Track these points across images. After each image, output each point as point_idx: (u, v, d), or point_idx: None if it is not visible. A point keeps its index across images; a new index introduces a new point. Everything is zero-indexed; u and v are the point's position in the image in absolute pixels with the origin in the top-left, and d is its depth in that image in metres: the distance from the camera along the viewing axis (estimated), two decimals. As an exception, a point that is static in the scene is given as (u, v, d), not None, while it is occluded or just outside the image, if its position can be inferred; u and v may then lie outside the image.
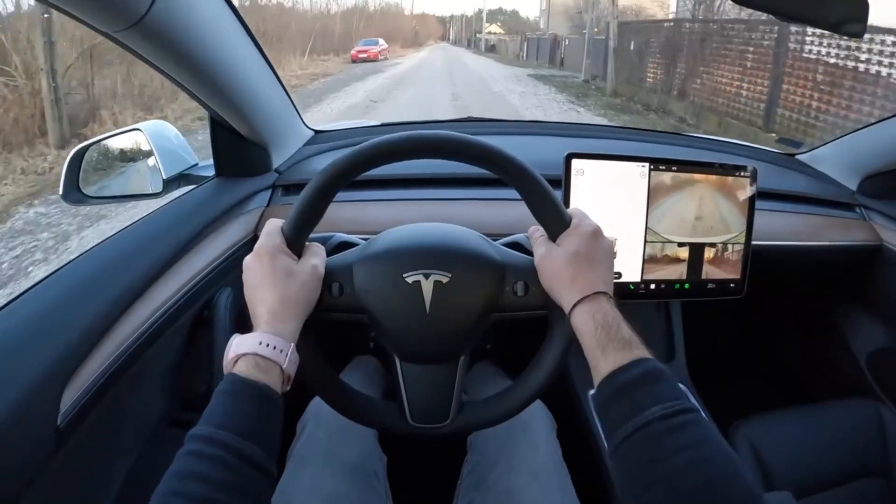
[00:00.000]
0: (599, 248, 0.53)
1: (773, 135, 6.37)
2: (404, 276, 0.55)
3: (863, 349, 1.15)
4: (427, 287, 0.55)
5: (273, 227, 0.54)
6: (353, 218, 0.89)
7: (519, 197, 0.55)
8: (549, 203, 0.54)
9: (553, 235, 0.55)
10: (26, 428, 0.51)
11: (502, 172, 0.54)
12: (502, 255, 0.58)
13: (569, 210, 0.56)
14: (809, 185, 1.14)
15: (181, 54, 0.65)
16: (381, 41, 25.95)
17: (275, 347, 0.47)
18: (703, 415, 0.95)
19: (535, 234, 0.58)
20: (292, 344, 0.49)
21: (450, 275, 0.55)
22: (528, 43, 29.07)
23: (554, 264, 0.53)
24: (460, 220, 0.64)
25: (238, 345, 0.47)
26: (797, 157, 1.24)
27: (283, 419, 0.47)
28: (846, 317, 1.21)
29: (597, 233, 0.54)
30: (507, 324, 0.58)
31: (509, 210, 0.85)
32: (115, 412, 0.64)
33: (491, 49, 43.44)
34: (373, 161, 0.53)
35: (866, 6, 0.68)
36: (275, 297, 0.50)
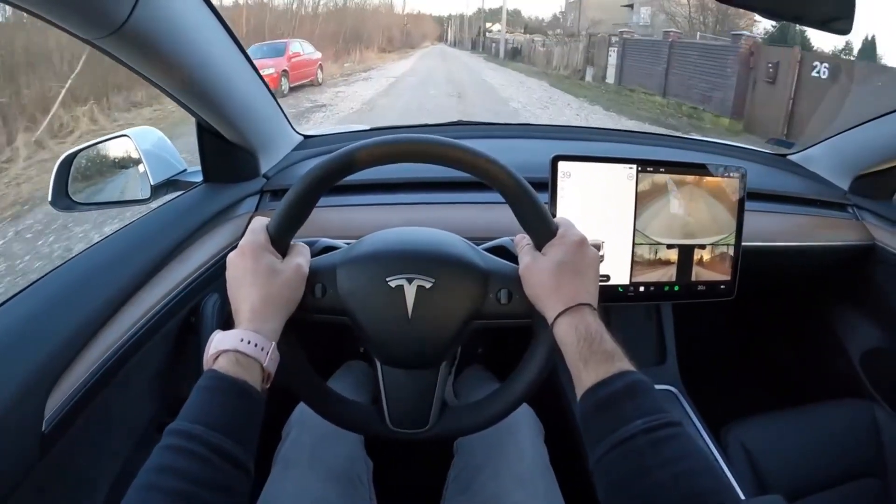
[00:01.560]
0: (585, 258, 0.53)
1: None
2: (387, 279, 0.55)
3: (856, 349, 1.15)
4: (410, 292, 0.55)
5: (258, 225, 0.54)
6: (338, 222, 0.89)
7: (504, 200, 0.55)
8: (535, 212, 0.54)
9: (539, 244, 0.55)
10: (10, 434, 0.51)
11: (489, 179, 0.54)
12: (487, 261, 0.58)
13: (555, 219, 0.56)
14: (801, 185, 1.14)
15: (164, 60, 0.65)
16: (301, 47, 11.97)
17: (256, 345, 0.47)
18: (696, 423, 0.94)
19: (522, 242, 0.58)
20: (273, 342, 0.49)
21: (433, 280, 0.55)
22: (623, 49, 12.21)
23: (538, 274, 0.53)
24: (446, 223, 0.64)
25: (219, 341, 0.47)
26: (788, 157, 1.24)
27: (263, 417, 0.47)
28: (839, 317, 1.20)
29: (582, 243, 0.54)
30: (498, 329, 0.58)
31: (494, 213, 0.85)
32: (102, 418, 0.64)
33: (513, 55, 25.58)
34: (360, 163, 0.53)
35: (853, 4, 0.68)
36: (257, 294, 0.50)
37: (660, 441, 0.41)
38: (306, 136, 1.13)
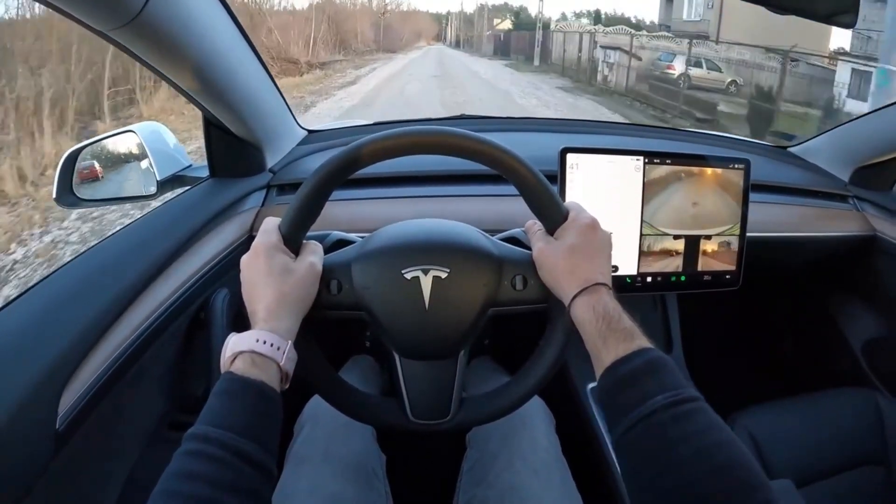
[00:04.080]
0: (597, 240, 0.54)
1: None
2: (403, 272, 0.55)
3: (858, 339, 1.16)
4: (426, 283, 0.55)
5: (270, 225, 0.54)
6: (350, 216, 0.89)
7: (515, 192, 0.56)
8: (546, 197, 0.55)
9: (551, 229, 0.55)
10: (25, 432, 0.50)
11: (499, 167, 0.54)
12: (500, 249, 0.58)
13: (566, 203, 0.56)
14: (802, 176, 1.15)
15: (175, 53, 0.65)
16: None
17: (272, 345, 0.47)
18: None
19: (533, 228, 0.58)
20: (290, 341, 0.49)
21: (448, 270, 0.55)
22: None
23: (552, 258, 0.53)
24: (457, 216, 0.64)
25: (235, 343, 0.47)
26: (789, 149, 1.25)
27: (282, 417, 0.47)
28: (841, 307, 1.22)
29: (594, 225, 0.54)
30: (505, 319, 0.59)
31: (506, 206, 0.85)
32: (114, 415, 0.63)
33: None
34: (370, 157, 0.53)
35: (857, -3, 0.69)
36: (272, 294, 0.50)
37: (682, 416, 0.42)
38: (311, 131, 1.13)
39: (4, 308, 0.58)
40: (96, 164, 0.89)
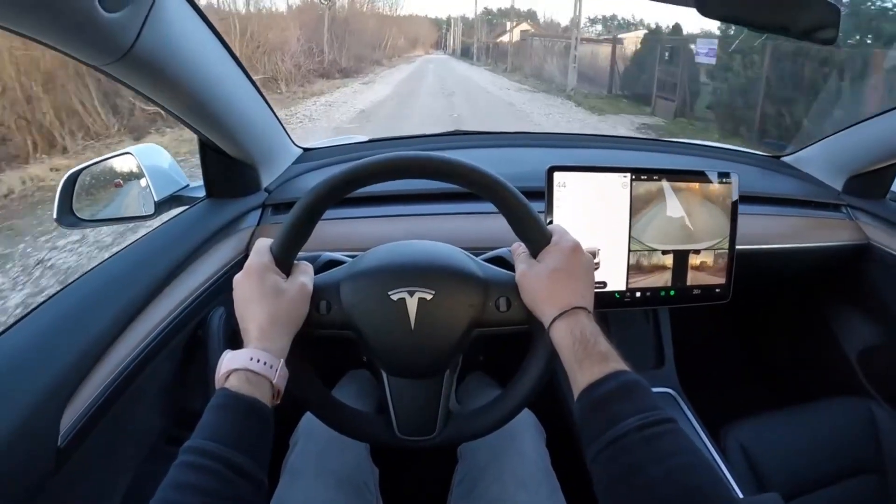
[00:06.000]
0: (578, 263, 0.55)
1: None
2: (389, 293, 0.56)
3: (853, 348, 1.16)
4: (412, 304, 0.56)
5: (262, 246, 0.56)
6: (339, 235, 0.90)
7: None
8: (529, 221, 0.56)
9: (534, 252, 0.57)
10: (28, 449, 0.52)
11: (484, 192, 0.56)
12: (485, 271, 0.60)
13: (550, 226, 0.58)
14: (795, 186, 1.16)
15: (169, 82, 0.67)
16: None
17: (265, 363, 0.49)
18: (694, 425, 0.95)
19: (518, 250, 0.60)
20: (282, 360, 0.51)
21: (434, 292, 0.56)
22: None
23: (534, 280, 0.55)
24: (445, 234, 0.65)
25: (230, 360, 0.49)
26: (782, 158, 1.26)
27: (273, 432, 0.48)
28: (836, 316, 1.22)
29: (576, 249, 0.56)
30: (500, 335, 0.60)
31: (492, 223, 0.86)
32: (114, 431, 0.65)
33: None
34: (358, 182, 0.55)
35: (837, 12, 0.70)
36: (264, 314, 0.52)
37: (653, 437, 0.43)
38: (305, 149, 1.15)
39: (10, 328, 0.60)
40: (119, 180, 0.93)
